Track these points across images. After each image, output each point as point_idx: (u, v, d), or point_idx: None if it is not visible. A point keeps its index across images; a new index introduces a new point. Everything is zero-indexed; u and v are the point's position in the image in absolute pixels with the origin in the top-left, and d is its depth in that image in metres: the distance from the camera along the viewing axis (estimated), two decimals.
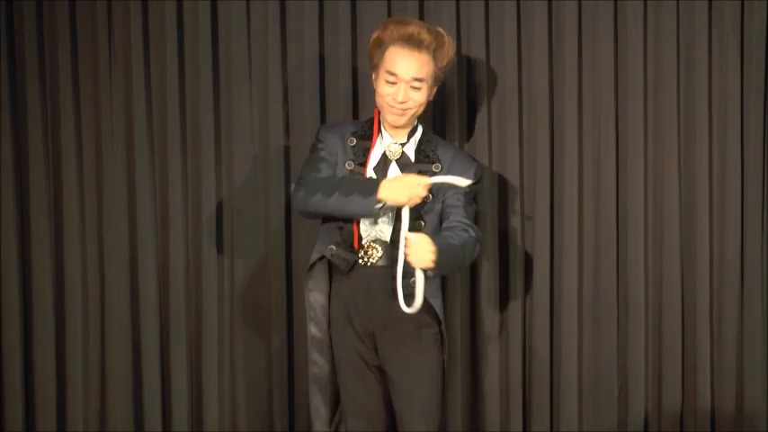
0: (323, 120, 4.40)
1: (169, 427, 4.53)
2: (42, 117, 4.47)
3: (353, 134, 3.87)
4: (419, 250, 3.62)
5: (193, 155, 4.44)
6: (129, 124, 4.45)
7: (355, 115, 4.38)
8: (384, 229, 3.82)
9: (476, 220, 3.95)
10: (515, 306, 4.36)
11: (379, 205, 3.68)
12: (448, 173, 3.80)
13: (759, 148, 4.27)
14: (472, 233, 3.80)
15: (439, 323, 3.83)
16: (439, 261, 3.64)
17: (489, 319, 4.39)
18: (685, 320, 4.34)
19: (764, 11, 4.21)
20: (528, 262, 4.40)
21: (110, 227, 4.49)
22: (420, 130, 3.90)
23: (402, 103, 3.77)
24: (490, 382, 4.40)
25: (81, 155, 4.48)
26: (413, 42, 3.76)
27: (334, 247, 3.81)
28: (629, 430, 4.37)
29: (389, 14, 4.33)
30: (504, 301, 4.41)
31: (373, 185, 3.69)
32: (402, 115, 3.79)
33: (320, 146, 3.87)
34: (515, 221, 4.39)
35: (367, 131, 3.87)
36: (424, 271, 3.65)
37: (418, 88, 3.77)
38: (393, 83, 3.78)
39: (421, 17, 4.31)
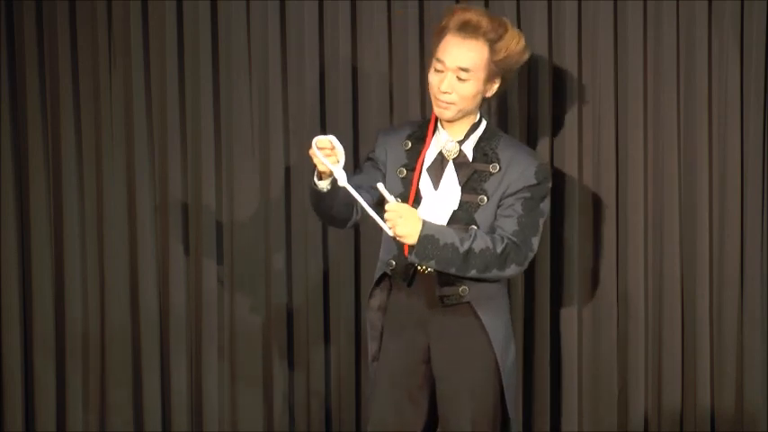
0: (323, 120, 4.40)
1: (169, 427, 4.53)
2: (42, 117, 4.48)
3: (409, 137, 3.65)
4: (405, 221, 3.41)
5: (193, 155, 4.44)
6: (129, 124, 4.46)
7: (355, 115, 4.38)
8: None
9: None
10: (515, 306, 4.36)
11: (323, 183, 3.44)
12: (505, 174, 3.55)
13: (759, 148, 4.27)
14: (498, 249, 3.49)
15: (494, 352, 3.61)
16: (421, 242, 3.42)
17: None
18: (685, 320, 4.34)
19: (764, 11, 4.21)
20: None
21: (110, 227, 4.49)
22: (483, 126, 3.63)
23: (444, 93, 3.52)
24: None
25: (81, 155, 4.49)
26: (468, 29, 3.49)
27: (393, 262, 3.61)
28: (628, 430, 4.37)
29: (389, 14, 4.33)
30: None
31: (311, 185, 3.51)
32: (446, 108, 3.54)
33: (370, 153, 3.70)
34: None
35: (424, 131, 3.66)
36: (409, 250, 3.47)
37: (464, 80, 3.50)
38: (440, 71, 3.52)
39: (420, 17, 4.30)
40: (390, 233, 3.44)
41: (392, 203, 3.43)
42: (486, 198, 3.56)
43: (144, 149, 4.46)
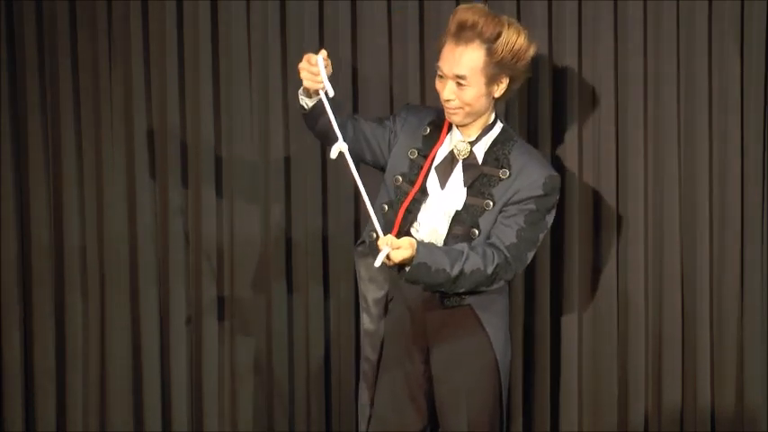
0: None
1: (169, 427, 4.53)
2: (42, 117, 4.48)
3: (430, 123, 3.62)
4: (399, 253, 3.32)
5: (193, 155, 4.44)
6: (129, 124, 4.46)
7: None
8: (439, 227, 3.57)
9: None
10: (515, 306, 4.35)
11: (309, 101, 3.42)
12: (514, 181, 3.52)
13: (759, 148, 4.27)
14: (488, 269, 3.44)
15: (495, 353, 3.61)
16: (413, 269, 3.36)
17: None
18: (685, 320, 4.34)
19: (764, 11, 4.21)
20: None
21: (110, 227, 4.49)
22: (497, 128, 3.61)
23: (447, 101, 3.50)
24: None
25: (81, 155, 4.49)
26: (463, 32, 3.44)
27: (374, 234, 3.45)
28: (629, 430, 4.37)
29: (389, 15, 4.33)
30: None
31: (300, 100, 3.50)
32: (454, 114, 3.53)
33: (392, 115, 3.65)
34: None
35: (442, 125, 3.61)
36: (399, 268, 3.41)
37: (464, 86, 3.47)
38: (441, 77, 3.51)
39: (420, 17, 4.30)
40: (383, 256, 3.35)
41: (386, 238, 3.35)
42: (492, 203, 3.53)
43: (144, 149, 4.46)
